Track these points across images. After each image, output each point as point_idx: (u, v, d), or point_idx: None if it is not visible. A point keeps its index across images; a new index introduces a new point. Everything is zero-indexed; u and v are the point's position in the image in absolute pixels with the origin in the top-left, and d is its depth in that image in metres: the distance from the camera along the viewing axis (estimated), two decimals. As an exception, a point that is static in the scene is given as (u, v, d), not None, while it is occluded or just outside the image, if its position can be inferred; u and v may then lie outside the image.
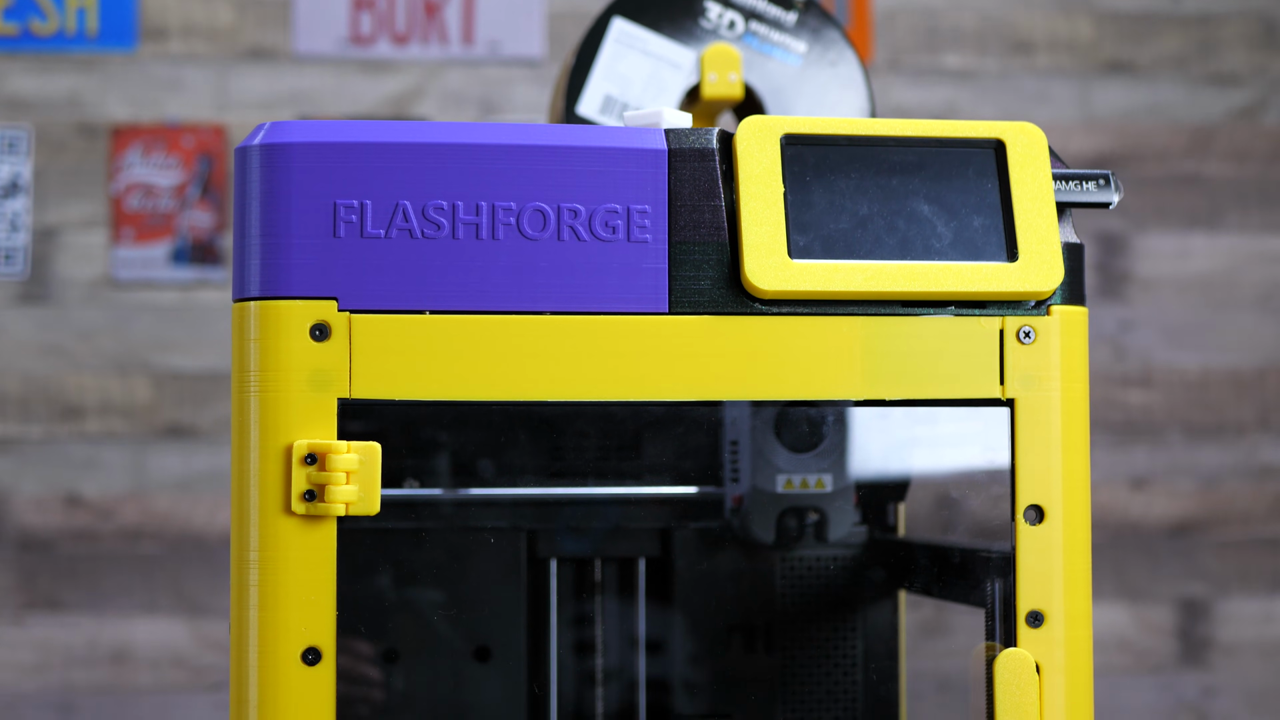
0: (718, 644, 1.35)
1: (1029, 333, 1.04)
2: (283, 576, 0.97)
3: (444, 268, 0.99)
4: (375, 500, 0.98)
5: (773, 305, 1.02)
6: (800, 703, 1.35)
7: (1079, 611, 1.04)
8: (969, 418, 1.12)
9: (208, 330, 2.31)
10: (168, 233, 2.36)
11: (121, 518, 2.27)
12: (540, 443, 1.33)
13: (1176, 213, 2.50)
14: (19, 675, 2.23)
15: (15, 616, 2.24)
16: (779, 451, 1.32)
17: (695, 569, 1.34)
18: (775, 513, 1.33)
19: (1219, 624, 2.45)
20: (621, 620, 1.34)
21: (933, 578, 1.24)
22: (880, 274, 1.02)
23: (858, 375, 1.02)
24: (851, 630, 1.36)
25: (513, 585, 1.33)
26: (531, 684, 1.32)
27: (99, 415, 2.27)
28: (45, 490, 2.26)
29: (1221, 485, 2.47)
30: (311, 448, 0.97)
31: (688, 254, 1.01)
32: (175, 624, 2.25)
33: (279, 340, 0.97)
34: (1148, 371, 2.47)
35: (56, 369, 2.27)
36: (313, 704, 0.97)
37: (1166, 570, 2.45)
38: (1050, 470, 1.03)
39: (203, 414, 2.29)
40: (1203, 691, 2.44)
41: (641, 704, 1.33)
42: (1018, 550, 1.03)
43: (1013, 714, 1.02)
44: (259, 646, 0.97)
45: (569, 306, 1.00)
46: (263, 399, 0.97)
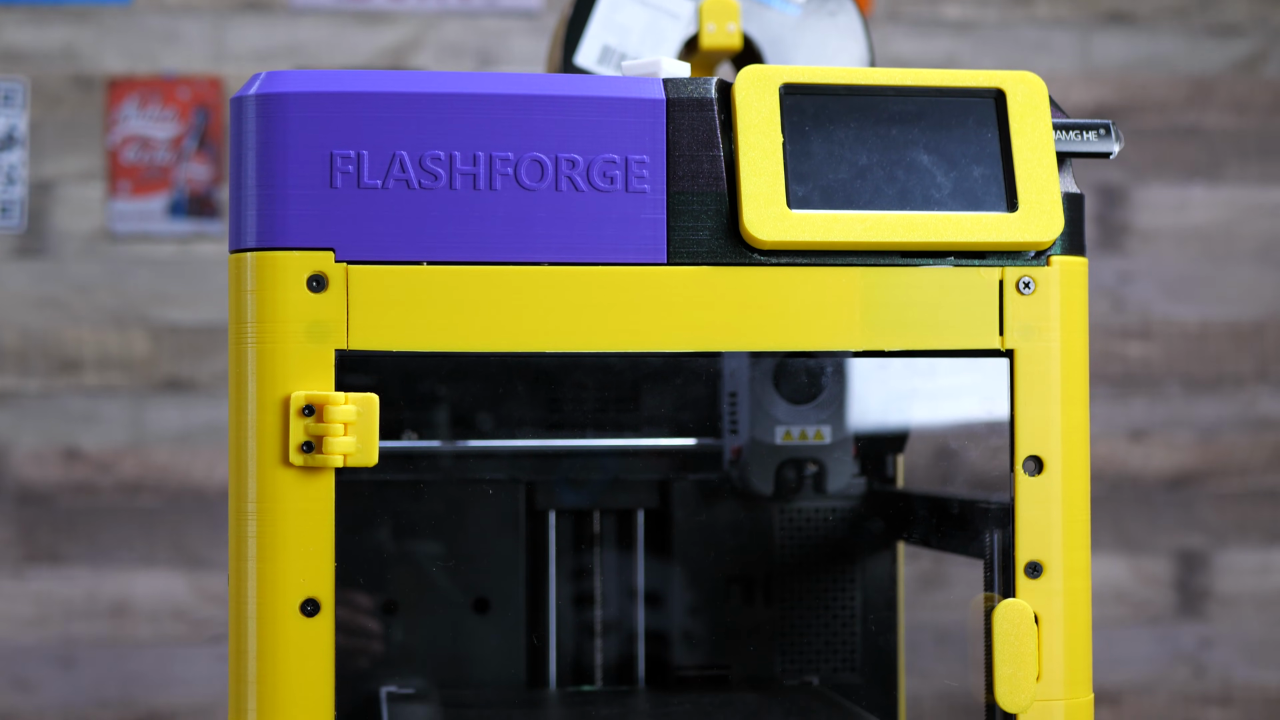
0: (716, 596, 1.35)
1: (1029, 283, 1.03)
2: (281, 528, 0.97)
3: (441, 218, 0.98)
4: (373, 452, 0.98)
5: (771, 256, 1.01)
6: (799, 654, 1.36)
7: (1078, 562, 1.04)
8: (968, 369, 1.12)
9: (205, 283, 2.30)
10: (165, 185, 2.35)
11: (120, 471, 2.27)
12: (538, 394, 1.33)
13: (1176, 164, 2.49)
14: (19, 628, 2.24)
15: (15, 569, 2.24)
16: (778, 403, 1.32)
17: (694, 521, 1.34)
18: (774, 464, 1.33)
19: (1217, 575, 2.46)
20: (620, 572, 1.34)
21: (931, 529, 1.24)
22: (879, 224, 1.01)
23: (857, 326, 1.02)
24: (850, 582, 1.36)
25: (511, 537, 1.33)
26: (530, 635, 1.32)
27: (97, 368, 2.27)
28: (44, 443, 2.26)
29: (1220, 437, 2.47)
30: (309, 399, 0.96)
31: (686, 204, 1.01)
32: (175, 577, 2.26)
33: (276, 291, 0.97)
34: (1147, 324, 2.47)
35: (54, 322, 2.26)
36: (311, 655, 0.97)
37: (1164, 522, 2.46)
38: (1049, 421, 1.03)
39: (201, 367, 2.28)
40: (1200, 643, 2.44)
41: (640, 655, 1.33)
42: (1016, 501, 1.03)
43: (1011, 664, 1.02)
44: (258, 598, 0.97)
45: (567, 257, 0.99)
46: (260, 350, 0.97)
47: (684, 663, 1.34)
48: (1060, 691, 1.03)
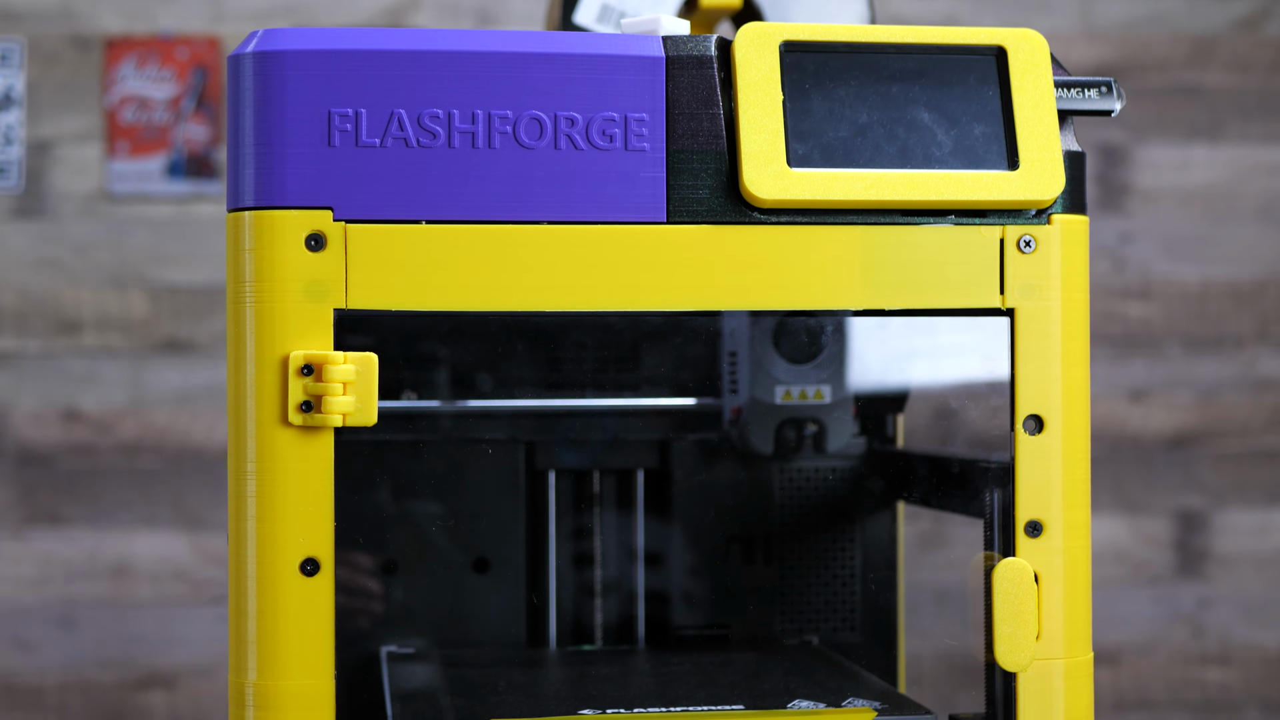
0: (716, 555, 1.35)
1: (1029, 242, 1.03)
2: (280, 488, 0.97)
3: (440, 177, 0.98)
4: (372, 411, 0.97)
5: (771, 214, 1.01)
6: (798, 613, 1.36)
7: (1078, 521, 1.04)
8: (968, 328, 1.12)
9: (204, 244, 2.30)
10: (163, 146, 2.34)
11: (120, 432, 2.27)
12: (538, 354, 1.32)
13: (1177, 124, 2.49)
14: (20, 589, 2.24)
15: (15, 530, 2.24)
16: (777, 363, 1.32)
17: (694, 480, 1.34)
18: (774, 424, 1.33)
19: (1216, 535, 2.46)
20: (620, 532, 1.34)
21: (931, 488, 1.24)
22: (880, 183, 1.01)
23: (857, 285, 1.02)
24: (850, 541, 1.36)
25: (511, 497, 1.33)
26: (530, 595, 1.32)
27: (96, 329, 2.26)
28: (43, 405, 2.26)
29: (1220, 397, 2.47)
30: (308, 358, 0.96)
31: (686, 163, 1.00)
32: (175, 538, 2.26)
33: (274, 250, 0.97)
34: (1147, 284, 2.47)
35: (53, 283, 2.26)
36: (311, 615, 0.97)
37: (1164, 482, 2.46)
38: (1050, 380, 1.03)
39: (200, 328, 2.28)
40: (1199, 602, 2.45)
41: (640, 615, 1.33)
42: (1017, 460, 1.03)
43: (1011, 623, 1.02)
44: (257, 558, 0.97)
45: (566, 216, 0.99)
46: (258, 310, 0.97)
47: (684, 622, 1.34)
48: (1060, 650, 1.03)
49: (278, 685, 0.97)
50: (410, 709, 1.08)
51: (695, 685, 1.16)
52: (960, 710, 1.14)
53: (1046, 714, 1.03)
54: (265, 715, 0.97)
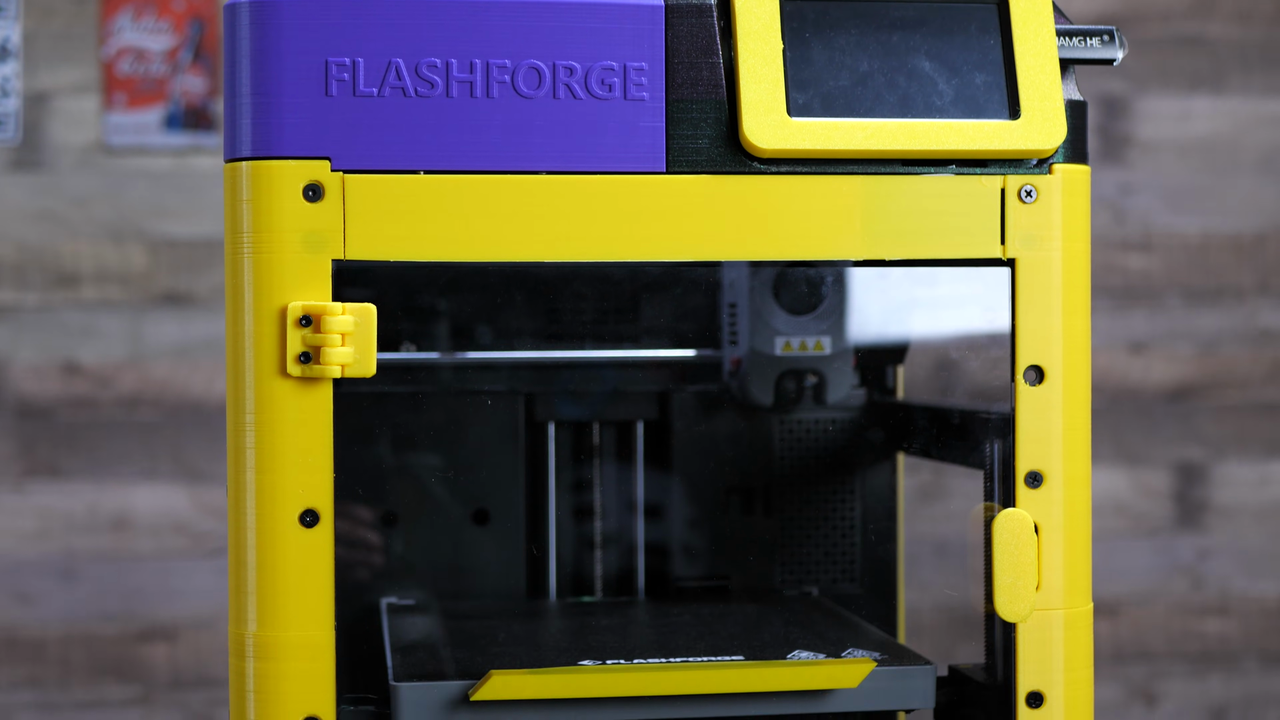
0: (716, 507, 1.35)
1: (1030, 191, 1.02)
2: (279, 439, 0.97)
3: (438, 127, 0.97)
4: (371, 362, 0.97)
5: (771, 164, 1.00)
6: (798, 564, 1.36)
7: (1078, 472, 1.04)
8: (969, 279, 1.12)
9: (202, 197, 2.29)
10: (160, 98, 2.33)
11: (120, 385, 2.27)
12: (537, 305, 1.32)
13: (1179, 75, 2.48)
14: (20, 542, 2.24)
15: (15, 483, 2.24)
16: (777, 314, 1.31)
17: (693, 432, 1.34)
18: (774, 375, 1.33)
19: (1215, 487, 2.46)
20: (619, 483, 1.34)
21: (931, 439, 1.24)
22: (880, 132, 1.01)
23: (857, 235, 1.01)
24: (850, 493, 1.36)
25: (510, 449, 1.33)
26: (530, 547, 1.32)
27: (95, 283, 2.26)
28: (43, 358, 2.25)
29: (1220, 349, 2.47)
30: (306, 309, 0.96)
31: (685, 112, 1.00)
32: (175, 491, 2.26)
33: (272, 201, 0.96)
34: (1148, 236, 2.46)
35: (51, 236, 2.25)
36: (311, 566, 0.97)
37: (1164, 434, 2.46)
38: (1050, 330, 1.02)
39: (199, 281, 2.28)
40: (1198, 554, 2.45)
41: (640, 567, 1.33)
42: (1017, 411, 1.03)
43: (1011, 574, 1.02)
44: (256, 509, 0.97)
45: (564, 166, 0.99)
46: (256, 260, 0.97)
47: (683, 574, 1.34)
48: (1060, 601, 1.03)
49: (278, 636, 0.97)
50: (410, 660, 1.08)
51: (695, 636, 1.16)
52: (960, 661, 1.14)
53: (1046, 664, 1.03)
54: (265, 666, 0.97)
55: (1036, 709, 1.03)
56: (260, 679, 0.97)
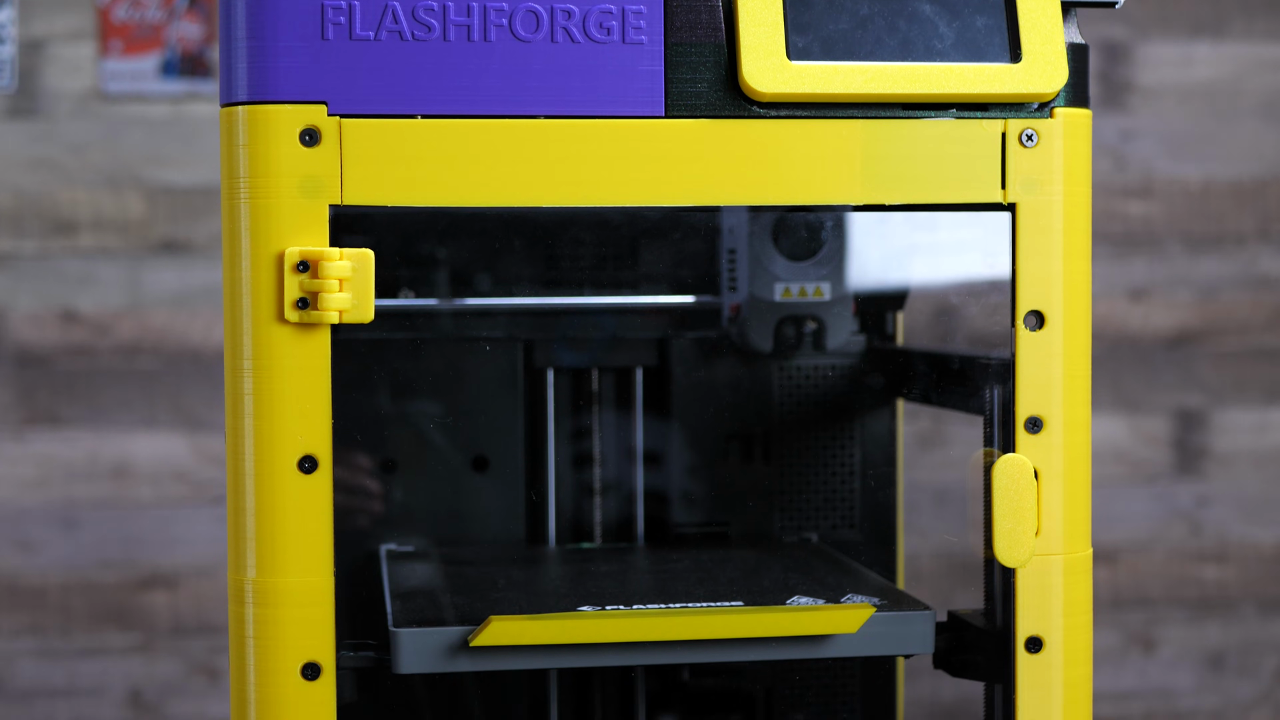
0: (715, 453, 1.35)
1: (1031, 135, 1.02)
2: (277, 385, 0.96)
3: (435, 71, 0.97)
4: (369, 308, 0.97)
5: (771, 108, 1.00)
6: (797, 511, 1.36)
7: (1078, 417, 1.03)
8: (969, 224, 1.11)
9: (199, 144, 2.28)
10: (157, 45, 2.32)
11: (118, 333, 2.26)
12: (535, 251, 1.32)
13: (1180, 20, 2.46)
14: (20, 490, 2.24)
15: (15, 432, 2.24)
16: (777, 260, 1.31)
17: (692, 378, 1.34)
18: (773, 321, 1.33)
19: (1214, 434, 2.46)
20: (619, 430, 1.34)
21: (931, 385, 1.24)
22: (880, 76, 1.00)
23: (857, 180, 1.01)
24: (849, 439, 1.36)
25: (510, 396, 1.32)
26: (529, 493, 1.32)
27: (92, 230, 2.25)
28: (41, 306, 2.25)
29: (1220, 296, 2.47)
30: (304, 255, 0.96)
31: (684, 56, 0.99)
32: (175, 439, 2.26)
33: (268, 146, 0.96)
34: (1148, 182, 2.45)
35: (48, 183, 2.25)
36: (309, 511, 0.97)
37: (1163, 381, 2.46)
38: (1051, 275, 1.02)
39: (197, 229, 2.27)
40: (1197, 501, 2.45)
41: (639, 513, 1.33)
42: (1017, 356, 1.03)
43: (1010, 519, 1.02)
44: (255, 455, 0.97)
45: (563, 110, 0.98)
46: (253, 206, 0.96)
47: (683, 520, 1.34)
48: (1059, 546, 1.03)
49: (277, 582, 0.97)
50: (410, 606, 1.08)
51: (694, 582, 1.16)
52: (959, 607, 1.14)
53: (1045, 609, 1.03)
54: (265, 612, 0.97)
55: (1035, 654, 1.03)
56: (260, 625, 0.97)
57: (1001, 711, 1.06)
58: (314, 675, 0.97)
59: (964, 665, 1.11)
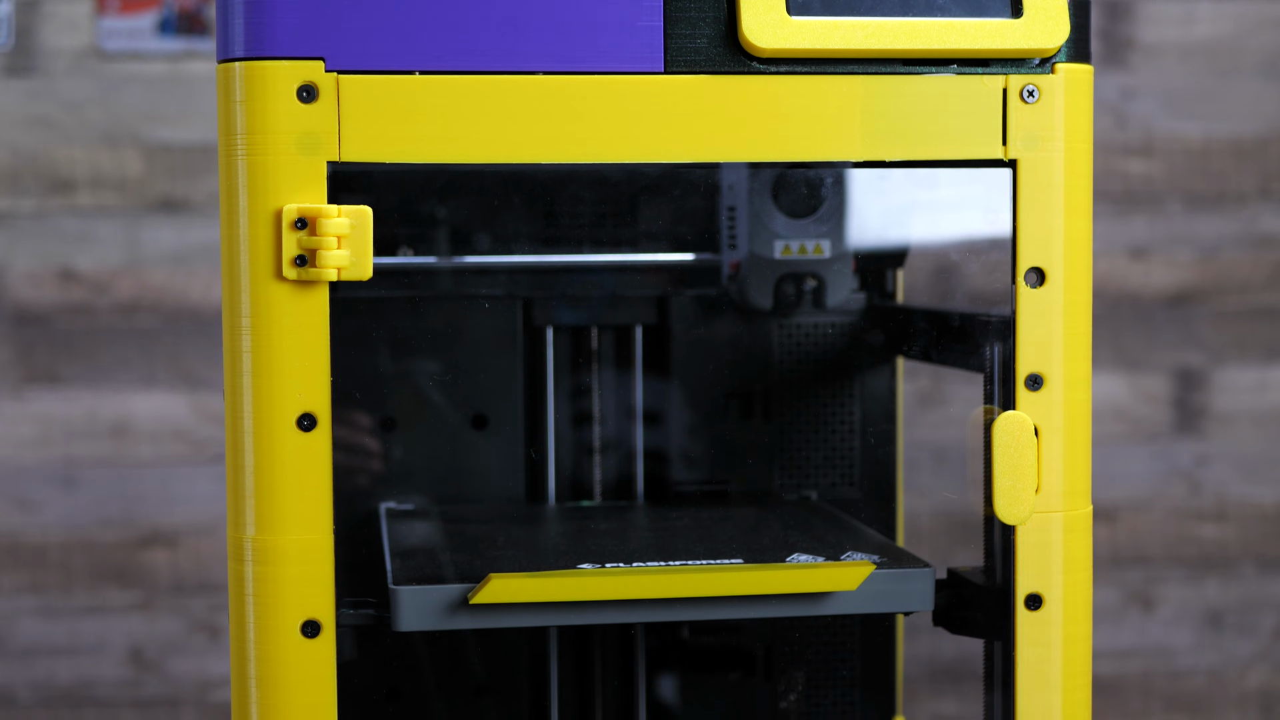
0: (715, 411, 1.35)
1: (1033, 91, 1.01)
2: (276, 343, 0.96)
3: (433, 26, 0.96)
4: (367, 265, 0.97)
5: (771, 64, 0.99)
6: (797, 469, 1.36)
7: (1078, 374, 1.03)
8: (970, 181, 1.11)
9: (197, 102, 2.27)
10: (154, 2, 2.31)
11: (117, 292, 2.26)
12: (534, 209, 1.31)
13: (1182, -24, 2.45)
14: (20, 448, 2.24)
15: (15, 390, 2.24)
16: (777, 217, 1.31)
17: (692, 336, 1.33)
18: (773, 279, 1.32)
19: (1214, 393, 2.46)
20: (618, 388, 1.34)
21: (931, 342, 1.24)
22: (881, 31, 0.99)
23: (857, 136, 1.00)
24: (849, 397, 1.36)
25: (509, 354, 1.32)
26: (529, 451, 1.32)
27: (90, 188, 2.25)
28: (39, 264, 2.25)
29: (1221, 254, 2.46)
30: (301, 212, 0.95)
31: (683, 11, 0.98)
32: (174, 397, 2.26)
33: (265, 102, 0.95)
34: (1149, 140, 2.44)
35: (45, 141, 2.24)
36: (309, 469, 0.97)
37: (1163, 340, 2.45)
38: (1052, 232, 1.02)
39: (195, 187, 2.26)
40: (1196, 459, 2.45)
41: (639, 471, 1.33)
42: (1018, 313, 1.02)
43: (1010, 476, 1.02)
44: (254, 413, 0.97)
45: (561, 66, 0.97)
46: (250, 163, 0.96)
47: (682, 478, 1.34)
48: (1059, 504, 1.03)
49: (276, 540, 0.97)
50: (409, 564, 1.08)
51: (694, 540, 1.16)
52: (958, 564, 1.14)
53: (1045, 567, 1.03)
54: (264, 570, 0.97)
55: (1035, 611, 1.03)
56: (259, 583, 0.97)
57: (1001, 668, 1.06)
58: (314, 633, 0.98)
59: (963, 622, 1.11)
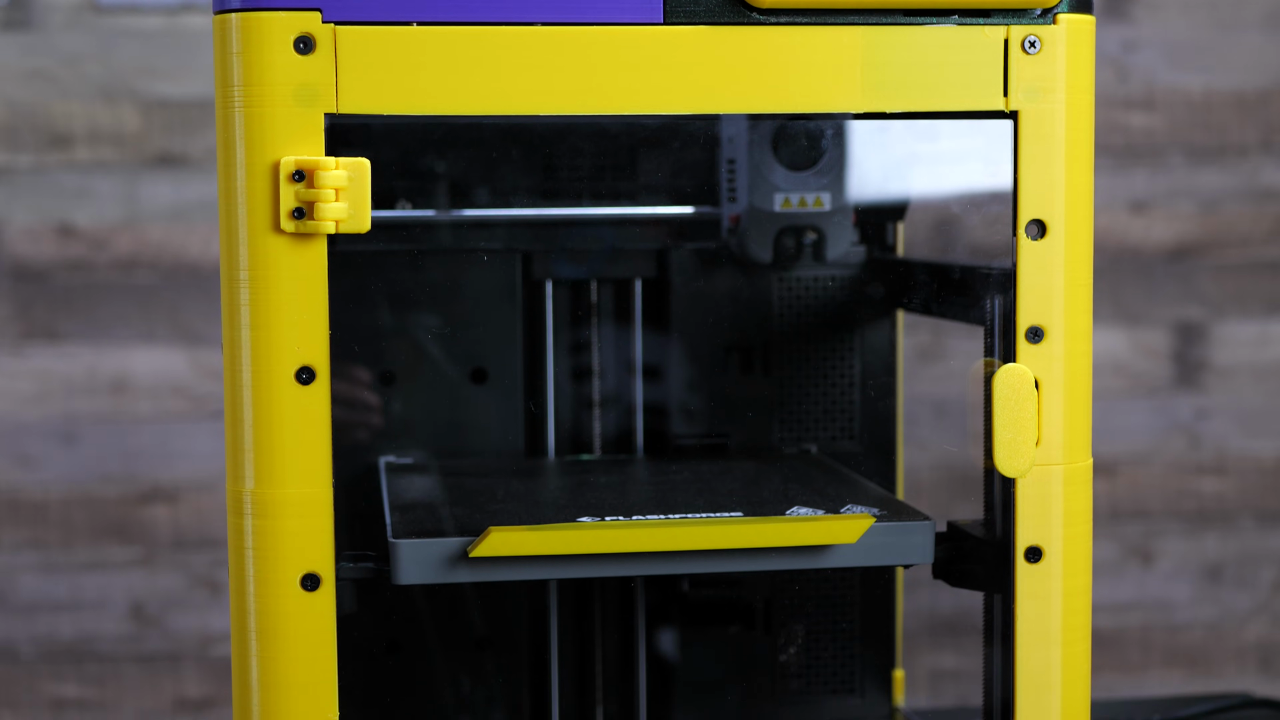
0: (714, 365, 1.35)
1: (1034, 42, 1.01)
2: (274, 296, 0.96)
3: (431, -24, 0.96)
4: (365, 218, 0.96)
5: (771, 14, 0.99)
6: (797, 422, 1.36)
7: (1079, 327, 1.03)
8: (970, 133, 1.10)
9: (195, 56, 2.26)
10: (150, -44, 2.29)
11: (115, 248, 2.25)
12: (533, 162, 1.31)
13: (1185, -72, 2.44)
14: (20, 405, 2.24)
15: (14, 346, 2.24)
16: (777, 169, 1.30)
17: (692, 289, 1.33)
18: (773, 232, 1.32)
19: (1215, 347, 2.46)
20: (618, 342, 1.33)
21: (932, 295, 1.23)
22: (882, -19, 0.99)
23: (858, 87, 1.00)
24: (849, 350, 1.36)
25: (508, 307, 1.32)
26: (528, 405, 1.32)
27: (88, 143, 2.24)
28: (37, 220, 2.24)
29: (1222, 208, 2.45)
30: (299, 164, 0.95)
31: (683, -39, 0.98)
32: (173, 353, 2.26)
33: (262, 54, 0.95)
34: (1150, 93, 2.44)
35: (42, 96, 2.23)
36: (308, 423, 0.97)
37: (1164, 294, 2.45)
38: (1053, 183, 1.01)
39: (193, 142, 2.26)
40: (1196, 413, 2.45)
41: (638, 425, 1.33)
42: (1019, 265, 1.02)
43: (1011, 429, 1.02)
44: (252, 366, 0.96)
45: (560, 17, 0.97)
46: (248, 115, 0.95)
47: (682, 432, 1.34)
48: (1059, 456, 1.03)
49: (275, 493, 0.97)
50: (409, 518, 1.08)
51: (694, 493, 1.16)
52: (958, 518, 1.14)
53: (1045, 519, 1.03)
54: (264, 524, 0.97)
55: (1035, 563, 1.03)
56: (259, 536, 0.97)
57: (1000, 621, 1.06)
58: (313, 586, 0.98)
59: (963, 575, 1.11)
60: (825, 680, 1.37)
